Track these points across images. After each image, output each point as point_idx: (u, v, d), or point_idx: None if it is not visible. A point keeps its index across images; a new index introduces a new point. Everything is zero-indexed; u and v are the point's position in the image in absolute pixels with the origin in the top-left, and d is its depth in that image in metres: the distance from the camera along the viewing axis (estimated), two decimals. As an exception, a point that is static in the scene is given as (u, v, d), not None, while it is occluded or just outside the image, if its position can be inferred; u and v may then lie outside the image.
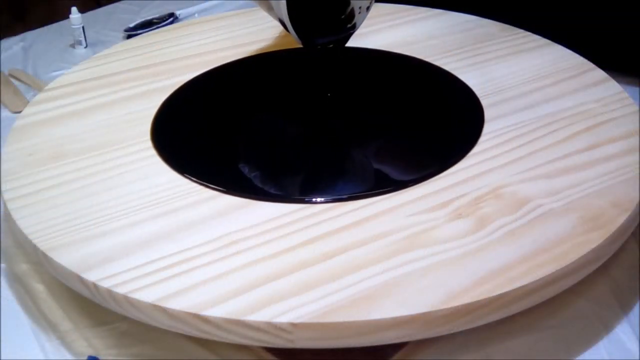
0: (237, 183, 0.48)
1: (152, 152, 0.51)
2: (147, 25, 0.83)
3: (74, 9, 0.80)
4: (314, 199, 0.45)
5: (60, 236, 0.43)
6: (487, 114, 0.54)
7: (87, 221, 0.44)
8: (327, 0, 0.57)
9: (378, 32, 0.67)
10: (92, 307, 0.43)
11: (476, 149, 0.50)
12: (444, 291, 0.38)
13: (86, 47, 0.81)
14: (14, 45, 0.83)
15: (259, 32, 0.69)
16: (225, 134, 0.55)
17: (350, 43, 0.58)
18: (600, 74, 0.58)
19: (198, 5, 0.89)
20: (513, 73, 0.59)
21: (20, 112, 0.61)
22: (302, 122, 0.58)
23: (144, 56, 0.66)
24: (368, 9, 0.57)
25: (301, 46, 0.56)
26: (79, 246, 0.42)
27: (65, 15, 0.82)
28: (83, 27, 0.80)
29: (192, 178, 0.48)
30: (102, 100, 0.59)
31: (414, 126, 0.55)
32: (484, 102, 0.55)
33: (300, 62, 0.63)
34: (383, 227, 0.43)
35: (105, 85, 0.61)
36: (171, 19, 0.85)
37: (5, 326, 0.44)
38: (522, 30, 0.66)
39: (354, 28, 0.57)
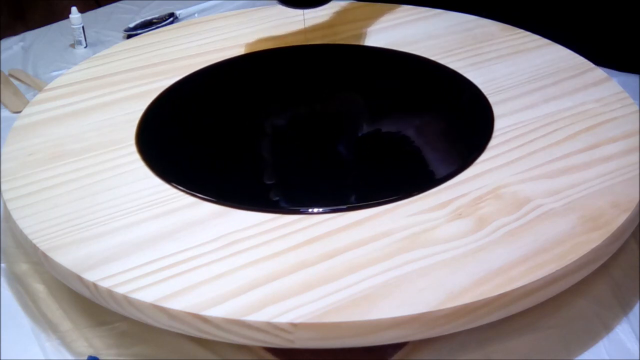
0: (233, 191, 0.47)
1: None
2: (147, 25, 0.84)
3: (74, 9, 0.80)
4: (316, 210, 0.44)
5: (60, 236, 0.43)
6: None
7: (87, 221, 0.44)
8: None
9: (378, 31, 0.67)
10: (92, 307, 0.43)
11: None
12: (444, 291, 0.38)
13: (86, 47, 0.81)
14: (14, 45, 0.83)
15: (259, 32, 0.69)
16: (216, 137, 0.54)
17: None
18: (600, 74, 0.58)
19: (198, 5, 0.89)
20: (513, 73, 0.59)
21: (20, 112, 0.61)
22: (304, 122, 0.57)
23: (144, 56, 0.66)
24: None
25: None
26: (79, 246, 0.42)
27: (65, 15, 0.82)
28: (83, 27, 0.80)
29: (180, 187, 0.47)
30: (102, 100, 0.59)
31: (424, 129, 0.55)
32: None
33: (296, 62, 0.63)
34: (383, 227, 0.42)
35: (105, 85, 0.61)
36: (171, 19, 0.85)
37: (5, 326, 0.44)
38: (522, 30, 0.66)
39: None
